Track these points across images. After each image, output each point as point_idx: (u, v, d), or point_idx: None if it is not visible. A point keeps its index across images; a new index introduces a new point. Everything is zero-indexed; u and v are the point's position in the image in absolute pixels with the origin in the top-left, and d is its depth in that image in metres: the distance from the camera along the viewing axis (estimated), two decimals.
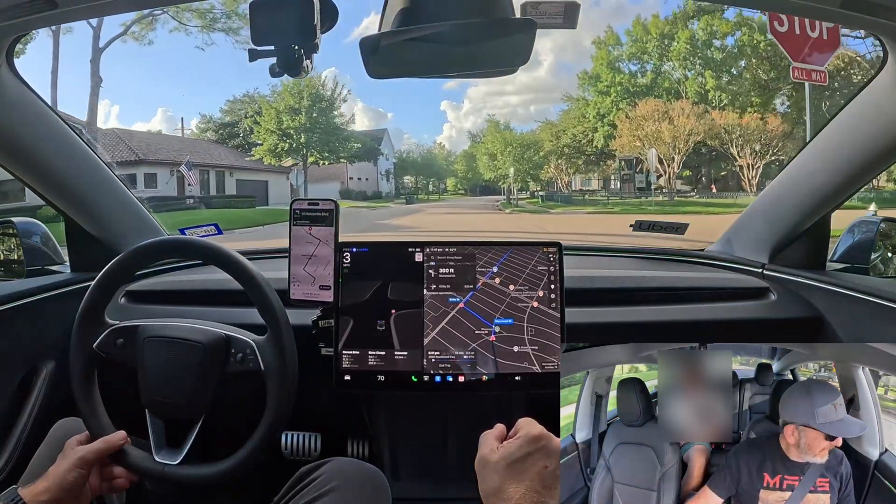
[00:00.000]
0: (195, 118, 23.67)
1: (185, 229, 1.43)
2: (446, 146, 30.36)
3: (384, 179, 26.43)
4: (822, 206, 1.16)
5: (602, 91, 20.13)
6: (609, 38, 20.29)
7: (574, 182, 22.44)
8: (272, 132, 20.26)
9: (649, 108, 17.87)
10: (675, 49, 18.63)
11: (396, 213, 17.89)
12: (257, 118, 20.58)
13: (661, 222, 1.51)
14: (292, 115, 20.42)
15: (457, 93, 41.51)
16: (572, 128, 21.10)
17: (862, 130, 1.02)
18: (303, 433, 1.27)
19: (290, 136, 20.32)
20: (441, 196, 27.22)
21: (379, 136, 26.42)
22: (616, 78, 19.88)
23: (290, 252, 1.01)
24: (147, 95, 31.31)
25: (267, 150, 20.34)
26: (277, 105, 20.58)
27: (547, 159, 21.83)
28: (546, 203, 20.61)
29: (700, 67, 18.54)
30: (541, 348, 1.00)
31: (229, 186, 19.29)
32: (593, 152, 20.91)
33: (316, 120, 20.77)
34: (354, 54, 0.75)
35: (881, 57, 0.92)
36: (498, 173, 23.18)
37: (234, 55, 18.64)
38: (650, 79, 19.52)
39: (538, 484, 0.56)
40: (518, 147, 22.56)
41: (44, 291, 1.17)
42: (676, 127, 17.14)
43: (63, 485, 0.80)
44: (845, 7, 0.74)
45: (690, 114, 17.11)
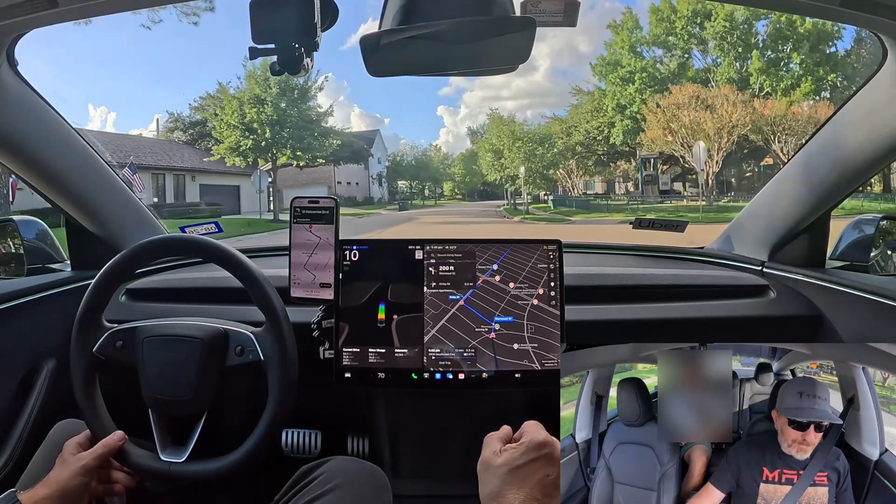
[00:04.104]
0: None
1: (185, 227, 1.43)
2: (443, 148, 28.94)
3: (376, 184, 24.72)
4: (822, 203, 1.17)
5: (624, 78, 17.72)
6: (627, 21, 17.91)
7: (577, 185, 20.40)
8: (234, 127, 16.98)
9: (686, 94, 15.34)
10: (711, 27, 16.12)
11: (387, 221, 16.03)
12: (217, 111, 17.43)
13: (662, 220, 1.51)
14: (258, 106, 17.04)
15: (453, 98, 41.39)
16: (585, 123, 18.82)
17: (862, 128, 1.02)
18: (303, 431, 1.27)
19: (255, 130, 16.93)
20: (437, 201, 25.94)
21: (370, 138, 24.65)
22: (639, 63, 17.48)
23: (290, 250, 1.01)
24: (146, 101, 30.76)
25: (228, 149, 17.02)
26: (241, 95, 17.30)
27: (563, 156, 19.55)
28: (559, 209, 18.17)
29: (739, 49, 15.99)
30: (541, 346, 1.00)
31: (191, 192, 17.13)
32: (604, 151, 18.77)
33: (285, 112, 17.40)
34: (351, 61, 0.74)
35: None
36: (505, 174, 20.59)
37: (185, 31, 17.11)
38: (675, 65, 16.93)
39: (538, 492, 0.57)
40: (529, 142, 19.95)
41: (44, 290, 1.17)
42: (720, 117, 14.68)
43: (65, 493, 0.80)
44: (845, 5, 0.74)
45: (736, 101, 14.67)
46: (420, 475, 1.31)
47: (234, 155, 17.05)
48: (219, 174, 17.80)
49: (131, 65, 30.54)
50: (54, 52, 20.16)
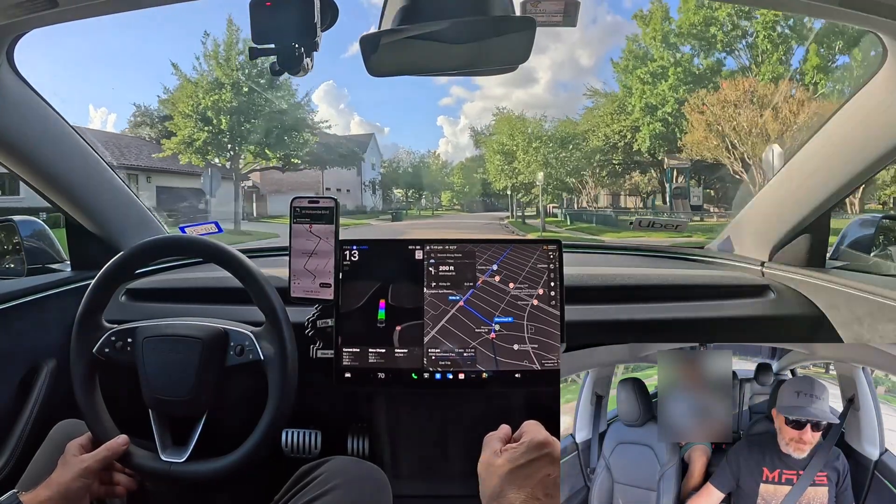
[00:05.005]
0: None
1: (185, 227, 1.44)
2: (441, 156, 27.25)
3: (369, 191, 22.79)
4: (823, 203, 1.17)
5: (655, 74, 15.03)
6: (656, 11, 15.29)
7: (591, 197, 17.93)
8: (188, 116, 13.85)
9: (741, 89, 12.82)
10: (762, 16, 13.73)
11: (377, 234, 13.33)
12: (174, 100, 14.20)
13: (662, 220, 1.51)
14: (217, 91, 13.71)
15: (453, 109, 41.10)
16: (605, 127, 16.23)
17: (862, 128, 1.02)
18: (303, 431, 1.27)
19: (210, 120, 13.66)
20: (434, 212, 24.25)
21: (364, 142, 22.75)
22: (673, 57, 14.73)
23: (290, 249, 1.01)
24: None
25: (180, 143, 13.72)
26: (201, 79, 14.07)
27: (588, 161, 16.61)
28: (576, 224, 15.29)
29: (792, 43, 13.77)
30: (541, 346, 1.00)
31: (146, 195, 13.52)
32: (620, 161, 16.34)
33: (249, 98, 13.97)
34: (351, 69, 0.74)
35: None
36: (518, 180, 17.39)
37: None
38: (712, 61, 14.19)
39: (539, 491, 0.57)
40: (548, 142, 16.81)
41: (44, 290, 1.17)
42: (784, 117, 12.59)
43: (67, 495, 0.80)
44: (845, 5, 0.75)
45: (804, 99, 12.59)
46: (420, 475, 1.31)
47: (190, 151, 13.78)
48: (181, 175, 15.09)
49: (131, 66, 30.21)
50: (54, 53, 19.70)
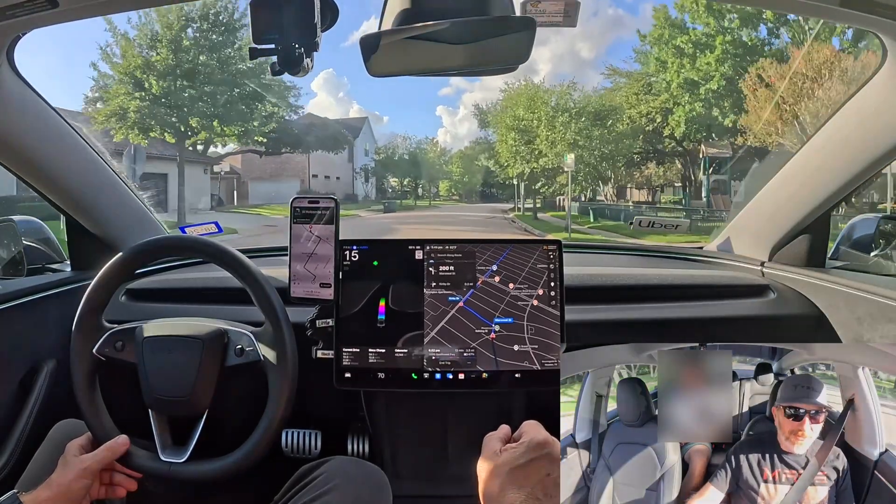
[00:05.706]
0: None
1: (185, 227, 1.44)
2: (440, 143, 25.70)
3: (360, 178, 20.96)
4: (823, 203, 1.17)
5: (699, 44, 12.07)
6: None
7: (608, 191, 15.80)
8: (121, 82, 11.08)
9: (821, 58, 10.23)
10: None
11: (363, 228, 11.79)
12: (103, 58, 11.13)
13: (662, 219, 1.51)
14: (152, 49, 10.94)
15: (453, 99, 41.18)
16: (630, 108, 13.52)
17: (862, 127, 1.02)
18: (303, 431, 1.27)
19: (141, 83, 10.94)
20: (431, 202, 22.78)
21: (357, 126, 20.87)
22: (719, 24, 11.89)
23: (290, 250, 1.01)
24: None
25: (111, 115, 10.94)
26: (139, 37, 11.24)
27: (629, 143, 13.40)
28: (600, 221, 12.53)
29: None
30: (541, 347, 0.99)
31: None
32: (640, 149, 13.99)
33: (193, 59, 11.01)
34: (351, 57, 0.73)
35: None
36: (539, 164, 13.68)
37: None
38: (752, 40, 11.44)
39: (539, 491, 0.56)
40: (579, 115, 13.05)
41: (44, 290, 1.17)
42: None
43: (67, 495, 0.80)
44: (845, 5, 0.75)
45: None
46: (420, 475, 1.31)
47: (125, 126, 10.83)
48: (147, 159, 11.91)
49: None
50: (55, 52, 19.33)
